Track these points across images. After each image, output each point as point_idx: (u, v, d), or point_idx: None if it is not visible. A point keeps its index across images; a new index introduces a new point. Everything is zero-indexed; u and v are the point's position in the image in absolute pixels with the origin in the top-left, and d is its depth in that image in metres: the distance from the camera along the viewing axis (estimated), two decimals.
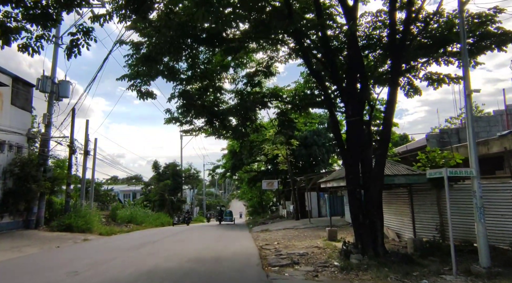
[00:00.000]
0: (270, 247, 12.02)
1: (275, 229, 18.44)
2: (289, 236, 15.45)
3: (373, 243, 8.39)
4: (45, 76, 21.09)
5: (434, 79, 10.55)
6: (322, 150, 29.17)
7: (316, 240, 13.73)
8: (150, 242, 14.79)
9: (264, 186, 26.64)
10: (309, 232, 16.37)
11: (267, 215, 42.50)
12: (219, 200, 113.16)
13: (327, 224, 18.29)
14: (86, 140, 24.14)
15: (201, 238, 16.55)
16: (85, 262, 9.41)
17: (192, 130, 13.44)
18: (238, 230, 21.52)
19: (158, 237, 17.68)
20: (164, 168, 51.50)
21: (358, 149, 9.06)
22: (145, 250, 11.93)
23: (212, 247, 12.19)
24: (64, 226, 19.75)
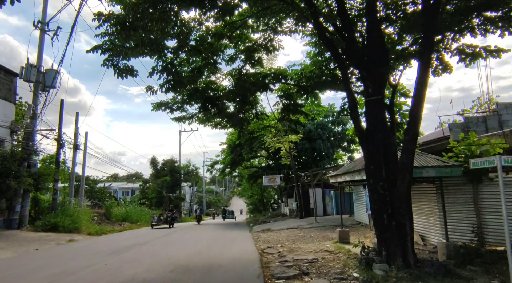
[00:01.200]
0: (273, 251, 10.43)
1: (278, 229, 16.86)
2: (293, 237, 13.86)
3: (402, 249, 6.79)
4: (30, 65, 19.50)
5: (468, 54, 8.92)
6: (327, 144, 27.54)
7: (324, 242, 12.14)
8: (138, 244, 13.23)
9: (265, 182, 25.08)
10: (315, 232, 14.78)
11: (268, 213, 40.97)
12: (219, 197, 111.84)
13: (335, 224, 16.70)
14: (76, 133, 22.58)
15: (196, 239, 14.99)
16: (51, 271, 7.84)
17: (184, 118, 11.85)
18: (238, 230, 19.95)
19: (149, 237, 16.13)
20: (162, 164, 50.00)
21: (380, 135, 7.45)
22: (129, 255, 10.36)
23: (206, 252, 10.61)
24: (49, 225, 18.24)
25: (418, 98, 7.07)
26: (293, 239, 13.26)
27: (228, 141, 31.46)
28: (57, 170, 20.55)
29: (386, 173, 7.34)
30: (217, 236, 15.73)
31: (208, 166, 38.34)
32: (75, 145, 22.18)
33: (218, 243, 13.02)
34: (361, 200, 16.27)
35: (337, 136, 28.87)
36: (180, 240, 14.54)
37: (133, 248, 12.22)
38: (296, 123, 11.16)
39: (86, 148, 23.78)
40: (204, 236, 16.38)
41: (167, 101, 11.20)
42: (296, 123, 11.24)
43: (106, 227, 22.74)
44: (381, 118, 7.69)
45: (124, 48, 7.40)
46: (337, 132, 28.95)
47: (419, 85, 7.00)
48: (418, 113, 7.09)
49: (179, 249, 11.33)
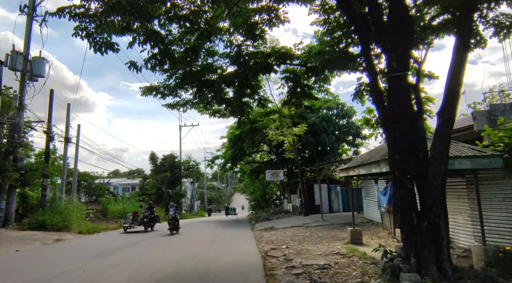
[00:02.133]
0: (278, 254, 9.21)
1: (282, 227, 15.65)
2: (299, 236, 12.64)
3: (436, 256, 5.55)
4: (16, 52, 18.25)
5: (505, 26, 7.62)
6: (332, 138, 26.24)
7: (334, 243, 10.91)
8: (128, 244, 12.05)
9: (268, 177, 23.84)
10: (323, 231, 13.55)
11: (271, 209, 39.81)
12: (221, 193, 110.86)
13: (343, 222, 15.48)
14: (67, 125, 21.38)
15: (193, 239, 13.79)
16: (19, 280, 6.66)
17: (178, 104, 10.60)
18: (239, 228, 18.75)
19: (142, 237, 14.95)
20: (161, 160, 48.87)
21: (406, 118, 6.19)
22: (114, 258, 9.16)
23: (202, 254, 9.39)
24: (37, 223, 17.09)
25: (456, 71, 5.80)
26: (299, 239, 12.04)
27: (229, 135, 30.20)
28: (46, 165, 19.36)
29: (415, 163, 6.09)
30: (216, 236, 14.53)
31: (208, 160, 37.10)
32: (66, 138, 20.98)
33: (216, 243, 11.81)
34: (371, 196, 15.01)
35: (342, 130, 27.56)
36: (174, 241, 13.34)
37: (122, 249, 11.04)
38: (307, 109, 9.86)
39: (78, 141, 22.60)
40: (202, 235, 15.18)
41: (157, 86, 9.96)
42: (306, 108, 9.95)
43: (100, 224, 21.61)
44: (407, 98, 6.43)
45: (99, 14, 6.12)
46: (342, 125, 27.65)
47: (458, 54, 5.73)
48: (455, 90, 5.83)
49: (172, 251, 10.14)
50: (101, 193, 38.30)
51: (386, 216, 12.21)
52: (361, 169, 9.11)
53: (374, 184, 12.96)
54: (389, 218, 11.83)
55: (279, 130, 19.85)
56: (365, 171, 8.96)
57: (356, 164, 9.82)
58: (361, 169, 9.11)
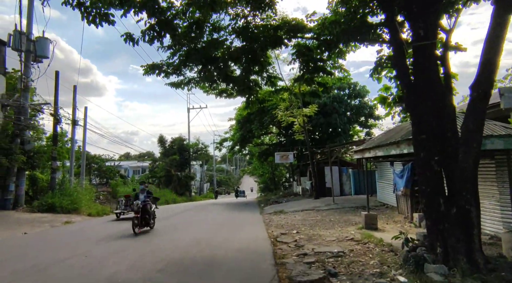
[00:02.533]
0: (288, 239, 8.79)
1: (292, 211, 15.24)
2: (310, 220, 12.20)
3: (467, 246, 5.00)
4: (18, 31, 17.75)
5: None
6: (343, 119, 25.44)
7: (347, 227, 10.44)
8: None
9: (277, 159, 23.34)
10: (335, 215, 13.08)
11: (280, 192, 39.58)
12: (230, 176, 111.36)
13: (355, 205, 14.98)
14: (74, 107, 21.04)
15: (201, 222, 13.49)
16: (20, 266, 6.37)
17: (182, 83, 10.02)
18: (248, 211, 18.43)
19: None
20: (170, 143, 48.80)
21: (433, 93, 5.53)
22: (118, 243, 8.87)
23: (209, 239, 9.02)
24: (47, 206, 17.05)
25: (494, 38, 5.06)
26: (310, 223, 11.60)
27: (237, 117, 29.61)
28: (54, 147, 19.17)
29: (442, 143, 5.46)
30: (224, 219, 14.21)
31: (216, 143, 36.74)
32: (73, 120, 20.70)
33: (224, 228, 11.45)
34: (385, 179, 14.40)
35: (354, 111, 26.69)
36: (181, 225, 13.06)
37: (128, 233, 10.78)
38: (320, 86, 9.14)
39: (86, 123, 22.32)
40: (209, 219, 14.88)
41: (160, 64, 9.37)
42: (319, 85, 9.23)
43: (109, 207, 21.57)
44: (434, 70, 5.75)
45: None
46: (354, 106, 26.74)
47: (498, 17, 4.98)
48: (492, 60, 5.11)
49: (179, 236, 9.80)
50: (111, 175, 38.55)
51: (402, 200, 11.65)
52: (379, 150, 8.50)
53: (389, 166, 12.34)
54: (406, 201, 11.27)
55: (288, 111, 19.15)
56: (383, 153, 8.35)
57: (373, 145, 9.20)
58: (379, 150, 8.50)
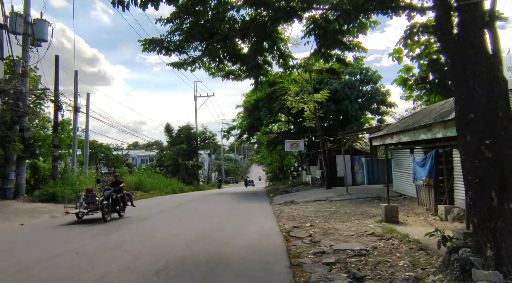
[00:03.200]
0: (302, 234, 7.97)
1: (303, 201, 14.42)
2: (324, 212, 11.37)
3: None
4: (15, 13, 16.94)
5: None
6: (355, 106, 24.32)
7: (365, 220, 9.58)
8: (136, 220, 11.11)
9: (287, 147, 22.44)
10: (350, 206, 12.21)
11: (288, 181, 38.86)
12: (238, 165, 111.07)
13: (370, 195, 14.10)
14: (75, 94, 20.35)
15: (207, 213, 12.77)
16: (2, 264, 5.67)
17: (185, 63, 9.12)
18: (256, 201, 17.68)
19: (155, 210, 14.07)
20: (177, 131, 48.21)
21: (482, 63, 4.57)
22: (116, 237, 8.16)
23: (215, 234, 8.25)
24: (47, 195, 16.52)
25: None
26: (324, 215, 10.76)
27: (245, 104, 28.68)
28: (55, 135, 18.56)
29: (492, 124, 4.52)
30: (231, 210, 13.46)
31: (224, 131, 35.93)
32: (75, 107, 20.04)
33: (232, 220, 10.68)
34: (403, 168, 13.43)
35: (366, 97, 25.52)
36: (190, 215, 12.35)
37: (128, 224, 10.09)
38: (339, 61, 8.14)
39: (88, 110, 21.64)
40: (216, 210, 14.15)
41: (160, 39, 8.47)
42: (338, 61, 8.24)
43: None
44: (482, 35, 4.76)
45: None
46: (367, 92, 25.56)
47: None
48: None
49: (182, 229, 9.06)
50: (118, 164, 38.14)
51: (424, 190, 10.72)
52: (404, 135, 7.56)
53: (409, 154, 11.36)
54: (428, 192, 10.34)
55: (299, 96, 18.14)
56: (409, 138, 7.42)
57: (396, 129, 8.24)
58: (404, 135, 7.56)
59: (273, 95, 25.73)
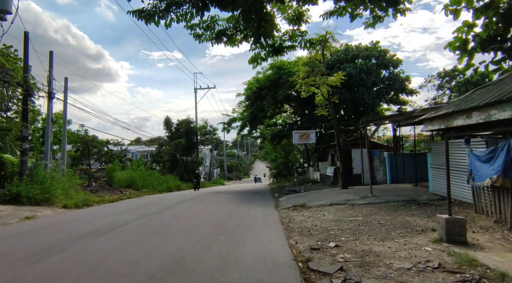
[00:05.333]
0: (327, 265, 5.12)
1: (317, 205, 11.57)
2: (348, 222, 8.50)
3: None
4: None
5: None
6: (372, 93, 21.33)
7: (414, 238, 6.69)
8: (110, 228, 8.37)
9: (295, 140, 19.56)
10: (381, 213, 9.32)
11: (294, 178, 36.02)
12: (241, 161, 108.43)
13: (402, 198, 11.18)
14: (50, 78, 17.52)
15: (194, 221, 9.94)
16: None
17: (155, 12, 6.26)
18: (259, 203, 14.82)
19: (134, 215, 11.32)
20: (176, 125, 45.55)
21: None
22: (66, 254, 5.36)
23: (193, 261, 5.40)
24: (10, 196, 13.80)
25: None
26: (350, 227, 7.89)
27: (247, 91, 25.77)
28: (24, 124, 15.81)
29: None
30: (226, 217, 10.62)
31: (224, 123, 33.07)
32: (49, 92, 17.23)
33: (224, 233, 7.82)
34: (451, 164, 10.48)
35: (385, 84, 22.50)
36: (174, 222, 9.54)
37: (99, 236, 7.33)
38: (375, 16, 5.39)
39: (66, 97, 18.83)
40: (207, 215, 11.33)
41: None
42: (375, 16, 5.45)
43: (95, 196, 18.32)
44: None
45: None
46: (385, 78, 22.54)
47: None
48: None
49: (152, 249, 6.22)
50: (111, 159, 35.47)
51: (489, 195, 7.82)
52: (477, 114, 4.66)
53: (464, 145, 8.44)
54: (498, 197, 7.44)
55: (310, 78, 15.20)
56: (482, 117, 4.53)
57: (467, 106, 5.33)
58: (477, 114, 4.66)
59: (278, 82, 22.85)
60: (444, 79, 26.62)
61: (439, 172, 11.01)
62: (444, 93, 27.24)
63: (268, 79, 23.61)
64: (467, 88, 23.48)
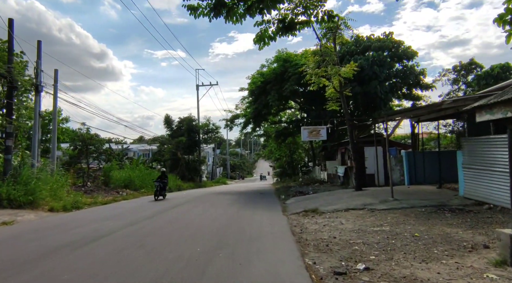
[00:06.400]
0: None
1: (331, 210, 10.14)
2: (372, 232, 7.07)
3: None
4: None
5: None
6: (385, 87, 19.82)
7: (467, 258, 5.25)
8: (91, 239, 7.02)
9: (304, 136, 18.09)
10: (410, 222, 7.86)
11: (299, 178, 34.57)
12: (244, 159, 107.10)
13: (429, 203, 9.72)
14: (37, 68, 16.16)
15: (192, 227, 8.56)
16: None
17: None
18: (264, 206, 13.41)
19: (123, 221, 9.99)
20: (178, 123, 44.26)
21: None
22: (28, 277, 4.00)
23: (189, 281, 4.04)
24: None
25: None
26: (376, 240, 6.46)
27: (251, 86, 24.33)
28: (8, 120, 14.50)
29: None
30: (226, 225, 9.22)
31: (226, 120, 31.64)
32: (36, 85, 15.90)
33: (223, 248, 6.41)
34: (485, 163, 9.05)
35: (398, 77, 20.96)
36: (159, 235, 8.17)
37: (77, 249, 5.96)
38: None
39: (56, 90, 17.48)
40: (204, 224, 9.95)
41: None
42: None
43: (87, 198, 17.02)
44: None
45: None
46: (399, 71, 21.01)
47: None
48: None
49: (125, 276, 4.85)
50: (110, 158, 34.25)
51: None
52: None
53: None
54: None
55: (320, 69, 13.75)
56: None
57: None
58: None
59: (284, 75, 21.41)
60: (460, 73, 25.07)
61: (474, 173, 9.55)
62: (459, 89, 25.67)
63: (273, 72, 22.18)
64: (487, 82, 21.96)
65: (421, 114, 11.68)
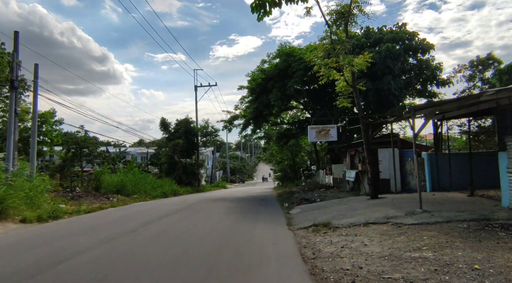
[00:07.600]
0: None
1: (346, 224, 8.38)
2: (409, 260, 5.32)
3: None
4: None
5: None
6: (399, 83, 18.08)
7: None
8: (48, 264, 5.30)
9: (311, 137, 16.31)
10: (457, 245, 6.09)
11: (302, 182, 32.85)
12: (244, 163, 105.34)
13: (469, 217, 7.96)
14: (13, 62, 14.47)
15: (179, 247, 6.81)
16: None
17: None
18: (266, 217, 11.65)
19: (103, 234, 8.28)
20: (175, 125, 42.58)
21: None
22: None
23: None
24: None
25: None
26: (421, 274, 4.70)
27: (251, 83, 22.62)
28: None
29: None
30: (220, 245, 7.47)
31: (225, 121, 29.95)
32: (11, 80, 14.21)
33: (213, 279, 4.68)
34: None
35: (413, 72, 19.22)
36: (135, 259, 6.42)
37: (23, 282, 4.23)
38: None
39: (37, 87, 15.78)
40: (192, 242, 8.21)
41: None
42: None
43: (69, 206, 15.32)
44: None
45: None
46: (413, 65, 19.29)
47: None
48: None
49: None
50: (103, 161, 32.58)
51: None
52: None
53: None
54: None
55: (330, 59, 12.00)
56: None
57: None
58: None
59: (287, 71, 19.73)
60: (478, 69, 23.36)
61: (507, 173, 7.81)
62: (474, 86, 23.94)
63: (275, 68, 20.48)
64: (510, 76, 20.25)
65: (451, 109, 9.97)
